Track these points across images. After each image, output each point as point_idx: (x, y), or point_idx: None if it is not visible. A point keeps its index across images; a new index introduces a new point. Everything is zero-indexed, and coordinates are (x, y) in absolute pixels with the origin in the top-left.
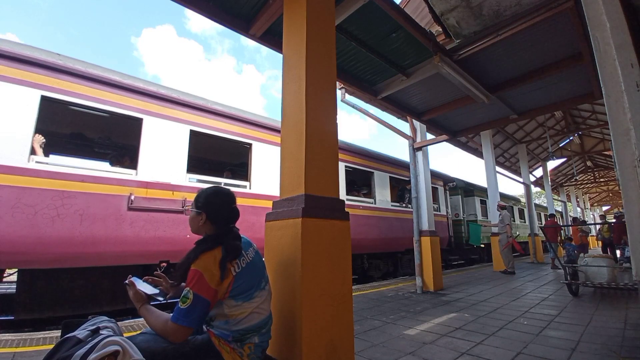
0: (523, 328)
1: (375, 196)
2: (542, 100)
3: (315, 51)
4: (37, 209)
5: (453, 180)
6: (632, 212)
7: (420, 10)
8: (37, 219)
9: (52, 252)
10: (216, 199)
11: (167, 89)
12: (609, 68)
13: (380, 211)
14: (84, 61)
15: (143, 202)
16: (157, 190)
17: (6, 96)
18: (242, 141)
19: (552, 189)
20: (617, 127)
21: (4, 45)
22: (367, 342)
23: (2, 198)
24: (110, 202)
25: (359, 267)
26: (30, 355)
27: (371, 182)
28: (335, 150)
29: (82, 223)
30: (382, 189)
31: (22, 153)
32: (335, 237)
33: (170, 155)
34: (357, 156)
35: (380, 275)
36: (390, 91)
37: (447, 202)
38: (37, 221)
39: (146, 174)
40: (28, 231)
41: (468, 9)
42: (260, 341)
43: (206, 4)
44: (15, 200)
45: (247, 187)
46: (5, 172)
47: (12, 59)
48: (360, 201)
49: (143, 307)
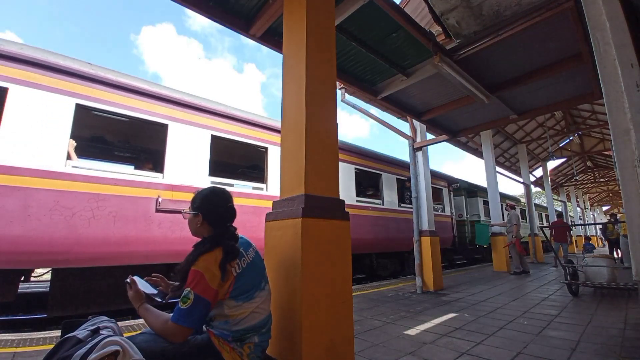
0: (523, 328)
1: (383, 197)
2: (542, 100)
3: (315, 51)
4: (74, 211)
5: (457, 181)
6: (632, 212)
7: (420, 10)
8: (75, 221)
9: (89, 252)
10: (212, 199)
11: (190, 96)
12: (609, 68)
13: (388, 212)
14: (114, 70)
15: (169, 204)
16: (182, 193)
17: (46, 104)
18: (259, 145)
19: (552, 189)
20: (617, 127)
21: (44, 56)
22: (367, 342)
23: (42, 201)
24: (140, 204)
25: (367, 266)
26: (30, 355)
27: (379, 184)
28: (335, 150)
29: (115, 224)
30: (389, 190)
31: (60, 158)
32: (335, 237)
33: (193, 159)
34: (366, 159)
35: (387, 274)
36: (390, 91)
37: (451, 203)
38: (75, 222)
39: (172, 177)
40: (67, 232)
41: (468, 9)
42: (260, 341)
43: (206, 4)
44: (53, 202)
45: (264, 189)
46: (45, 177)
47: (51, 69)
48: (369, 202)
49: (142, 307)
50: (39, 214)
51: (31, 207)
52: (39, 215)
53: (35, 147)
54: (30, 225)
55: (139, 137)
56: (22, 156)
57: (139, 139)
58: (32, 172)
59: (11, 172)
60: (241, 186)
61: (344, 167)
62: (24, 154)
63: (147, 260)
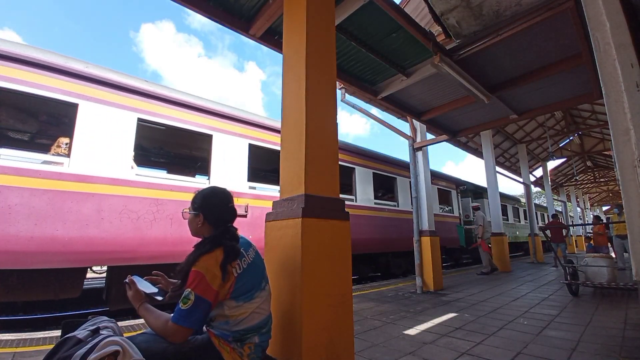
0: (523, 328)
1: (399, 199)
2: (542, 100)
3: (315, 51)
4: (139, 214)
5: (464, 183)
6: (632, 212)
7: (420, 10)
8: (140, 223)
9: (151, 251)
10: (213, 198)
11: (231, 108)
12: (609, 68)
13: (402, 213)
14: (168, 87)
15: None
16: None
17: (114, 119)
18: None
19: (552, 189)
20: (617, 127)
21: (108, 75)
22: (367, 342)
23: (113, 205)
24: None
25: (383, 265)
26: (30, 355)
27: (394, 187)
28: (335, 150)
29: (172, 226)
30: (404, 192)
31: (127, 167)
32: (335, 237)
33: (234, 165)
34: (383, 163)
35: (401, 272)
36: (390, 91)
37: (459, 205)
38: (140, 225)
39: (216, 182)
40: (133, 233)
41: (468, 9)
42: (260, 341)
43: (206, 4)
44: (122, 207)
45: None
46: (115, 184)
47: (114, 86)
48: (386, 204)
49: (142, 307)
50: (111, 217)
51: (104, 211)
52: (110, 219)
53: (105, 158)
54: (103, 227)
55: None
56: (95, 166)
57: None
58: (104, 180)
59: (86, 180)
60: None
61: (363, 172)
62: (97, 164)
63: None
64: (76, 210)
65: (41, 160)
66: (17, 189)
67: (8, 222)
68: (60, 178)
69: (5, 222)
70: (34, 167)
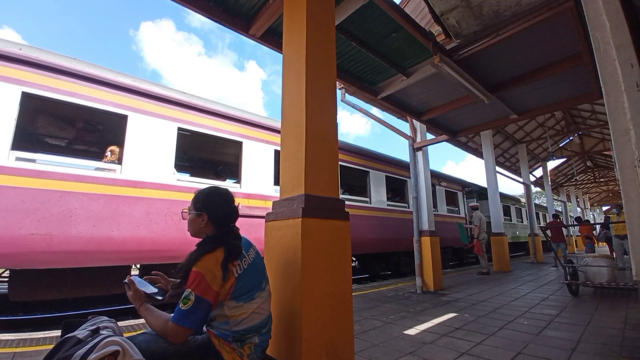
0: (523, 328)
1: (409, 201)
2: (542, 100)
3: (315, 51)
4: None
5: (469, 185)
6: (632, 212)
7: (420, 10)
8: (182, 225)
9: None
10: (216, 198)
11: (258, 117)
12: (609, 68)
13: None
14: (204, 98)
15: (246, 210)
16: (255, 200)
17: (158, 128)
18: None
19: (552, 189)
20: (617, 127)
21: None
22: (367, 342)
23: (159, 208)
24: None
25: (394, 264)
26: (30, 355)
27: (404, 189)
28: (335, 150)
29: None
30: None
31: (170, 173)
32: (335, 237)
33: (262, 171)
34: (394, 166)
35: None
36: (390, 91)
37: (465, 206)
38: (182, 226)
39: (247, 187)
40: (176, 234)
41: (468, 9)
42: (260, 341)
43: (206, 4)
44: (167, 209)
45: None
46: (161, 189)
47: (160, 99)
48: (397, 205)
49: (142, 307)
50: (158, 219)
51: (152, 213)
52: (157, 220)
53: (152, 164)
54: (151, 228)
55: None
56: (143, 172)
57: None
58: (152, 185)
59: (137, 185)
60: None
61: (377, 175)
62: (145, 170)
63: None
64: (128, 212)
65: (94, 167)
66: (77, 194)
67: (70, 225)
68: (114, 184)
69: (68, 225)
70: (91, 173)
